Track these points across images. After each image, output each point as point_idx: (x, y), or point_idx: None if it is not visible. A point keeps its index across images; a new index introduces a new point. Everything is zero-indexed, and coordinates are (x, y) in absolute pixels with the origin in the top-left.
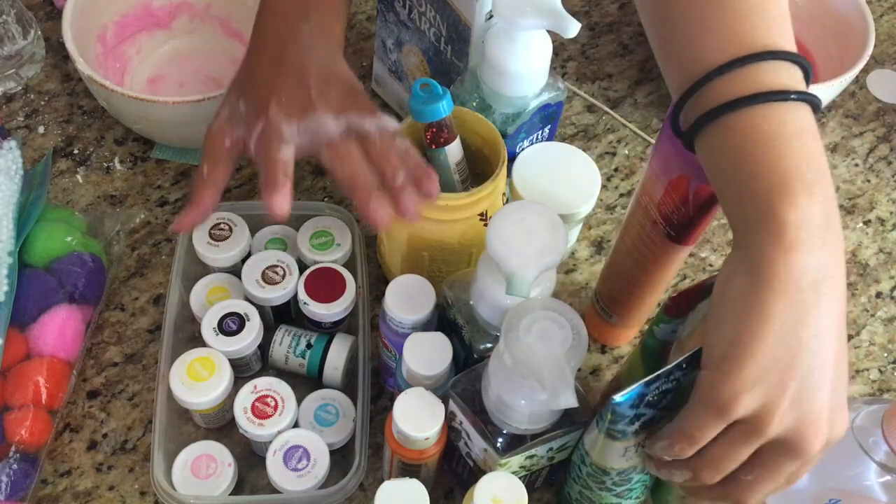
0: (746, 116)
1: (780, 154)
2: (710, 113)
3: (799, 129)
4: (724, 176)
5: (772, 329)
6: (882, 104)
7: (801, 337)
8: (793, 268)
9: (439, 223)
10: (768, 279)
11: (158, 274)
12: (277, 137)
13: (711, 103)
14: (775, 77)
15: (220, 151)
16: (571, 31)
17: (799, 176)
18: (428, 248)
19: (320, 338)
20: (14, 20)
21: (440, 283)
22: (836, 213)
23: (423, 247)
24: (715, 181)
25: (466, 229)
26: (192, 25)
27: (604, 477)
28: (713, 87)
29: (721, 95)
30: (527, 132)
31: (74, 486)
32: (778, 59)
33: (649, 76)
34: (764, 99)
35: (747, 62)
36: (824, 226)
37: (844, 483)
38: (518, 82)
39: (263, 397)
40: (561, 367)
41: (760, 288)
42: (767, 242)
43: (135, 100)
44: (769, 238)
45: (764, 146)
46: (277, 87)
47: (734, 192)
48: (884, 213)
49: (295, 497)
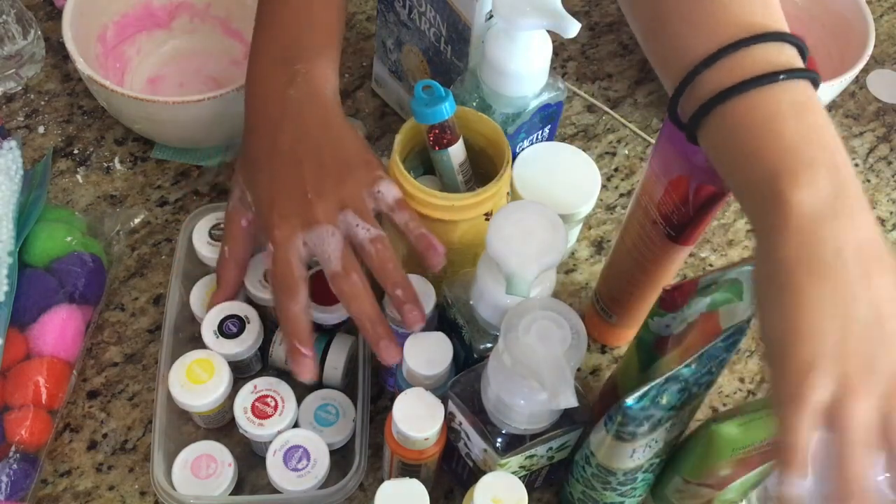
0: (739, 105)
1: (776, 136)
2: (703, 107)
3: (796, 107)
4: (729, 166)
5: (806, 307)
6: (882, 104)
7: (843, 305)
8: (808, 243)
9: (444, 224)
10: (788, 262)
11: (158, 274)
12: (287, 289)
13: (703, 97)
14: (764, 60)
15: (237, 231)
16: (571, 31)
17: (797, 155)
18: None
19: (320, 338)
20: (14, 20)
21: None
22: (850, 181)
23: None
24: (722, 173)
25: (472, 229)
26: (192, 25)
27: (609, 477)
28: (703, 79)
29: (711, 87)
30: (527, 132)
31: (74, 486)
32: (765, 41)
33: (649, 76)
34: (753, 85)
35: (732, 50)
36: (834, 196)
37: None
38: (518, 82)
39: (263, 397)
40: (560, 367)
41: (782, 272)
42: (778, 226)
43: (135, 100)
44: (779, 221)
45: (760, 131)
46: (274, 194)
47: (740, 182)
48: (884, 213)
49: (295, 497)
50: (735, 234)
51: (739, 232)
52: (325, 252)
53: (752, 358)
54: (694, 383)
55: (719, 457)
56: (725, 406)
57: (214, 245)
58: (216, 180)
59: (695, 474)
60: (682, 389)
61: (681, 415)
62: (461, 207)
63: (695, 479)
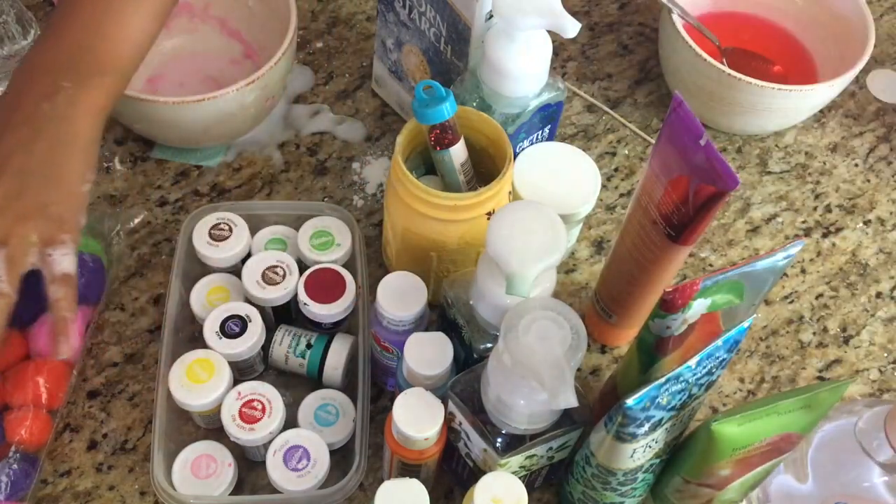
0: None
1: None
2: None
3: None
4: None
5: None
6: (882, 104)
7: None
8: None
9: (446, 223)
10: None
11: (158, 274)
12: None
13: None
14: None
15: None
16: (571, 32)
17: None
18: (435, 248)
19: (320, 338)
20: (14, 20)
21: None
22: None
23: (430, 247)
24: None
25: (473, 228)
26: (191, 25)
27: (609, 477)
28: None
29: None
30: (527, 132)
31: (74, 486)
32: None
33: (649, 76)
34: None
35: None
36: None
37: (848, 485)
38: (518, 82)
39: (249, 402)
40: (560, 367)
41: None
42: None
43: (135, 100)
44: None
45: None
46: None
47: None
48: (884, 213)
49: (295, 497)
50: (735, 234)
51: (739, 232)
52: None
53: (752, 358)
54: (694, 384)
55: (719, 457)
56: (725, 406)
57: (214, 245)
58: (216, 180)
59: (695, 474)
60: (683, 390)
61: (681, 415)
62: (463, 207)
63: (695, 479)
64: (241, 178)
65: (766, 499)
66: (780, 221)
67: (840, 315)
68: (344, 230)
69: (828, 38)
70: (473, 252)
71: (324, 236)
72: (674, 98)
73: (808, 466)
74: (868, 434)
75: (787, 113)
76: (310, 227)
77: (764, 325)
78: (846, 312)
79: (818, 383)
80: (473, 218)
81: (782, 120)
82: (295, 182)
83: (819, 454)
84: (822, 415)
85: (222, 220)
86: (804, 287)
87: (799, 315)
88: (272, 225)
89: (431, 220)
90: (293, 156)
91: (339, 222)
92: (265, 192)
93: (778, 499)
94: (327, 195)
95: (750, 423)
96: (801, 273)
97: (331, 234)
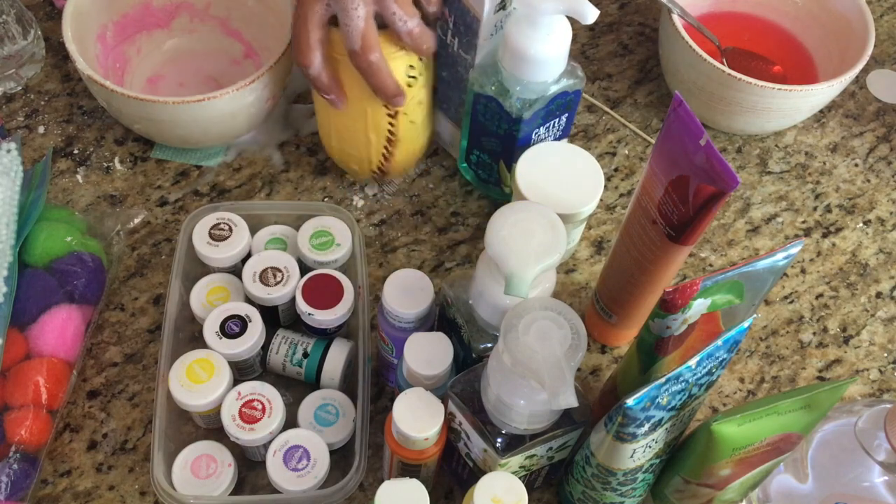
0: None
1: None
2: None
3: None
4: None
5: None
6: (882, 104)
7: None
8: None
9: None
10: None
11: (158, 274)
12: (300, 53)
13: None
14: None
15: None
16: (590, 18)
17: None
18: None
19: (318, 344)
20: (14, 20)
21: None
22: None
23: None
24: None
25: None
26: (191, 25)
27: (610, 477)
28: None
29: None
30: (543, 119)
31: (74, 486)
32: None
33: (649, 76)
34: None
35: None
36: None
37: (848, 484)
38: (538, 67)
39: (250, 402)
40: (560, 367)
41: None
42: None
43: (135, 100)
44: None
45: None
46: None
47: None
48: (884, 213)
49: (295, 497)
50: (735, 234)
51: (739, 232)
52: (347, 25)
53: (752, 358)
54: (694, 384)
55: (719, 457)
56: (725, 406)
57: (214, 245)
58: (216, 180)
59: (695, 474)
60: (682, 390)
61: (681, 415)
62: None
63: (695, 479)
64: (240, 178)
65: (766, 499)
66: (780, 221)
67: (840, 315)
68: (344, 230)
69: (828, 38)
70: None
71: (324, 236)
72: (674, 98)
73: (808, 466)
74: (868, 434)
75: (787, 113)
76: (310, 227)
77: (764, 325)
78: (846, 312)
79: (818, 383)
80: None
81: (782, 120)
82: (295, 182)
83: (819, 454)
84: (822, 415)
85: (222, 220)
86: (804, 287)
87: (799, 315)
88: (272, 225)
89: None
90: (293, 156)
91: (339, 222)
92: (265, 192)
93: (778, 499)
94: (327, 195)
95: (750, 424)
96: (801, 273)
97: (331, 234)
